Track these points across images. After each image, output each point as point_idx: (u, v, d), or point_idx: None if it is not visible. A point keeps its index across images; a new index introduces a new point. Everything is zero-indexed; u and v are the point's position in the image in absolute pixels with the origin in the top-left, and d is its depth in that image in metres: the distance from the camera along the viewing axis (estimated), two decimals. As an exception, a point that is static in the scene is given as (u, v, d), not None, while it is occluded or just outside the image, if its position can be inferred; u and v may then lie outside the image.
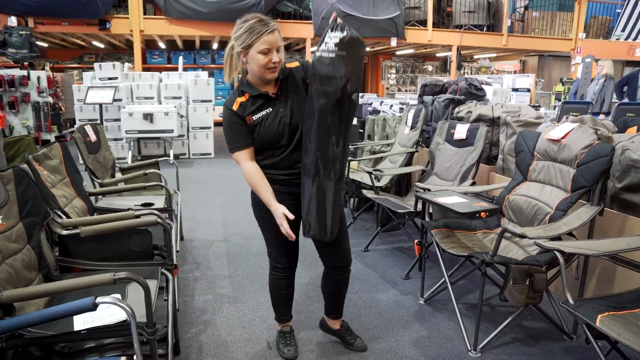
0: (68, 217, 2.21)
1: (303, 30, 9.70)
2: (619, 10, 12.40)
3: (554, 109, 9.49)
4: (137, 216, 2.19)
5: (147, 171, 3.24)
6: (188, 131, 7.81)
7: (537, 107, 7.35)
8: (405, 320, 2.63)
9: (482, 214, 2.30)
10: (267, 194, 1.93)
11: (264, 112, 1.91)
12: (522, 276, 2.14)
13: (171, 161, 3.97)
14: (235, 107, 1.91)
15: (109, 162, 3.43)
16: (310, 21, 9.55)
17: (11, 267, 1.68)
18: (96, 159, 3.21)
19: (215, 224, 4.30)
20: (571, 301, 1.80)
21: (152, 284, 1.95)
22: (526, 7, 12.49)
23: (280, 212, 1.89)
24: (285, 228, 1.89)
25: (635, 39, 12.57)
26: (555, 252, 1.84)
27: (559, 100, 10.84)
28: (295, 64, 1.98)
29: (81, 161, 3.02)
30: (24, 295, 1.45)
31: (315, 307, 2.75)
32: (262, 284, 3.05)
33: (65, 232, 2.03)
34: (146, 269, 2.06)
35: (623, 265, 2.08)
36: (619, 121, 3.55)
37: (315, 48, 2.02)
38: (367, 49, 13.17)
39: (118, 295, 1.79)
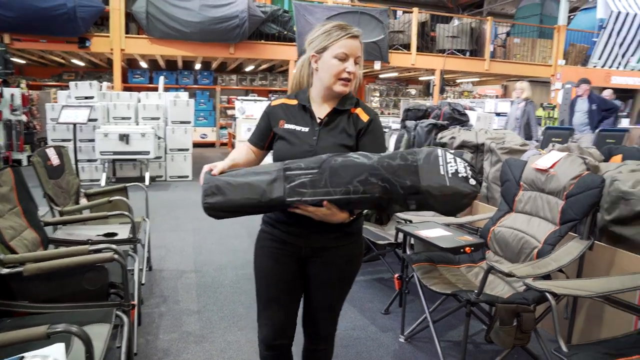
0: (13, 252, 2.00)
1: (287, 52, 9.65)
2: (595, 39, 12.64)
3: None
4: (93, 251, 1.99)
5: (113, 198, 3.03)
6: (165, 153, 7.59)
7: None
8: (385, 362, 2.45)
9: (467, 249, 2.16)
10: (228, 157, 1.59)
11: (297, 128, 1.58)
12: (510, 316, 1.99)
13: (144, 185, 3.75)
14: (274, 103, 1.66)
15: (73, 188, 3.22)
16: (294, 43, 9.51)
17: None
18: (58, 184, 3.00)
19: (186, 252, 4.08)
20: (564, 348, 1.65)
21: (104, 329, 1.76)
22: (508, 34, 12.68)
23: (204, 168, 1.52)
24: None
25: (610, 66, 12.82)
26: (547, 294, 1.70)
27: (540, 124, 10.93)
28: (365, 115, 1.60)
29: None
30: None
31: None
32: (232, 320, 2.84)
33: (5, 271, 1.82)
34: (99, 311, 1.86)
35: (615, 306, 1.94)
36: (604, 149, 3.47)
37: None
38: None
39: (60, 347, 1.58)
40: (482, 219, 2.80)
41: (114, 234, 2.83)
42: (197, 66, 12.19)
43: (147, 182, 6.94)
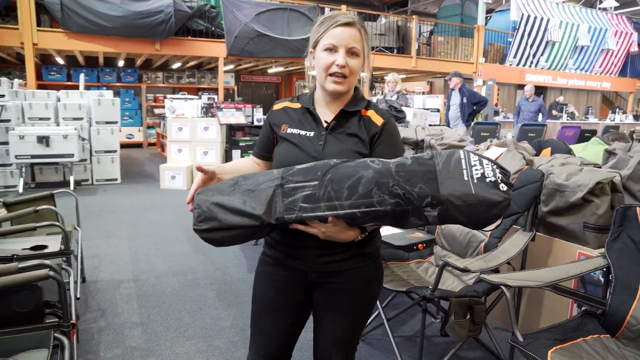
0: None
1: (215, 49, 9.40)
2: (511, 39, 13.50)
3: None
4: (23, 269, 1.80)
5: (39, 207, 2.77)
6: (91, 155, 7.13)
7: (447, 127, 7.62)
8: (342, 362, 2.43)
9: (420, 245, 2.19)
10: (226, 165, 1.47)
11: (301, 132, 1.40)
12: (463, 310, 2.04)
13: (72, 191, 3.46)
14: (276, 107, 1.48)
15: (-10, 197, 2.91)
16: (222, 40, 9.28)
17: None
18: (-27, 194, 2.70)
19: (122, 261, 3.84)
20: (520, 338, 1.71)
21: (42, 356, 1.59)
22: (431, 32, 13.20)
23: (192, 187, 1.32)
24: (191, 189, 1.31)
25: (524, 65, 13.78)
26: (502, 287, 1.75)
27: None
28: (378, 118, 1.42)
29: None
30: None
31: None
32: (179, 330, 2.70)
33: None
34: (35, 336, 1.68)
35: (560, 294, 2.06)
36: (534, 142, 3.68)
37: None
38: (281, 69, 13.06)
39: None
40: (428, 214, 2.86)
41: (44, 247, 2.58)
42: (121, 63, 11.58)
43: (71, 186, 6.47)
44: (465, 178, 1.14)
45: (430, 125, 5.52)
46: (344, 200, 1.17)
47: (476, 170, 1.15)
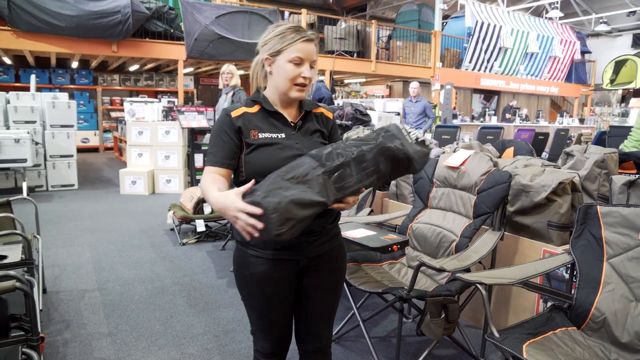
0: None
1: (174, 51, 9.22)
2: (466, 45, 13.92)
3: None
4: (-13, 280, 1.70)
5: (-3, 215, 2.64)
6: (45, 160, 6.83)
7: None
8: (318, 365, 2.43)
9: (394, 247, 2.22)
10: (213, 190, 1.35)
11: (275, 135, 1.50)
12: (438, 309, 2.10)
13: (30, 198, 3.30)
14: (235, 114, 1.49)
15: (-58, 206, 2.74)
16: (182, 42, 9.11)
17: None
18: None
19: (85, 269, 3.70)
20: (496, 334, 1.77)
21: (13, 371, 1.51)
22: (390, 37, 13.43)
23: (233, 199, 1.25)
24: (244, 219, 1.22)
25: (479, 69, 14.25)
26: (477, 285, 1.81)
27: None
28: (329, 114, 1.66)
29: None
30: None
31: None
32: (150, 339, 2.63)
33: None
34: (0, 352, 1.59)
35: (531, 290, 2.14)
36: (497, 143, 3.81)
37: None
38: (241, 72, 12.92)
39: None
40: (399, 216, 2.91)
41: (3, 257, 2.46)
42: (74, 64, 11.16)
43: (24, 193, 6.17)
44: (410, 140, 1.45)
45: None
46: (366, 172, 1.39)
47: (412, 135, 1.48)
